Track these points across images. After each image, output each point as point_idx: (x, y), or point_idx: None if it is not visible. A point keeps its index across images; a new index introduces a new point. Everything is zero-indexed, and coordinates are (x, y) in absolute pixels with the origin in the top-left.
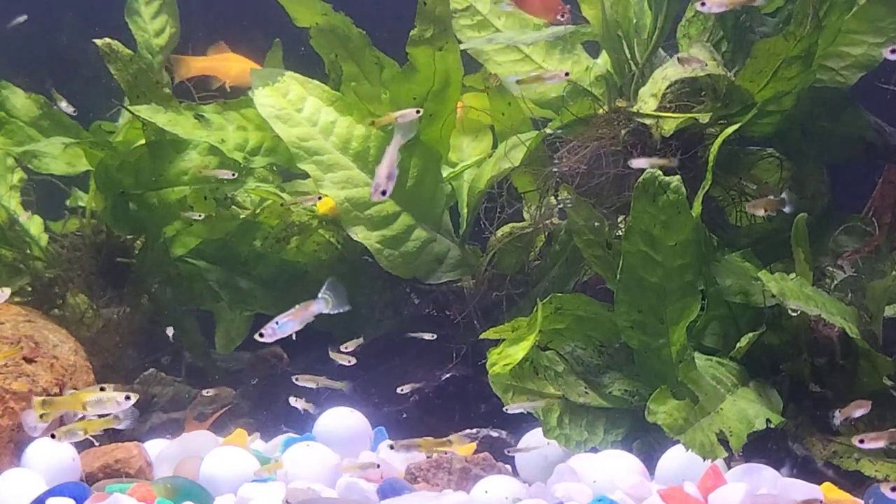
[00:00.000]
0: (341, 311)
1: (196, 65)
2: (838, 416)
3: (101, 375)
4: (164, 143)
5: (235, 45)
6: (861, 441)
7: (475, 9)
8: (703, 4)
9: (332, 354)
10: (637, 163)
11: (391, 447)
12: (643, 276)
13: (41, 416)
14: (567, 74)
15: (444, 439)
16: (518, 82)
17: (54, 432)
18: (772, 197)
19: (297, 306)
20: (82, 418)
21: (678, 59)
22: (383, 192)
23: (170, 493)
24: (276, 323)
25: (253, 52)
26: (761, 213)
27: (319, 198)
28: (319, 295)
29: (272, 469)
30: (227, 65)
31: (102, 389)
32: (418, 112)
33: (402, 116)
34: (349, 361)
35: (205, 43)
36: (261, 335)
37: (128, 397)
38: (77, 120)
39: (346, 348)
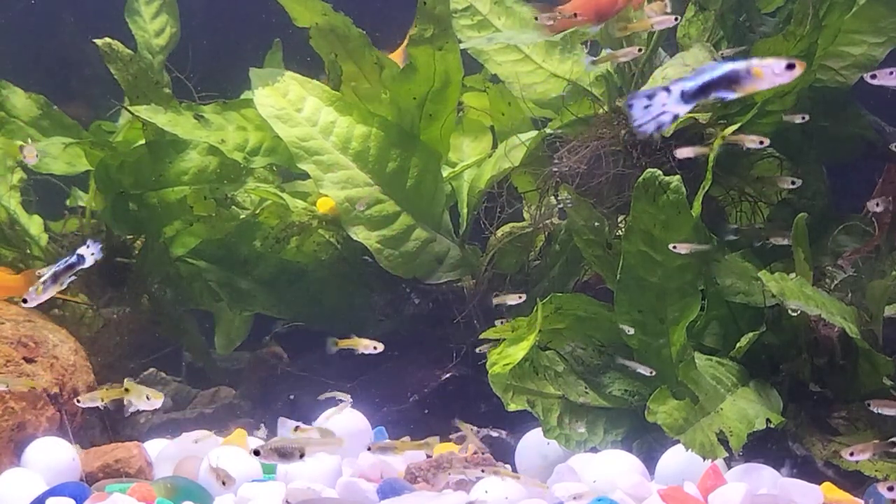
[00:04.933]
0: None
1: None
2: None
3: (102, 375)
4: (164, 143)
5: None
6: (851, 454)
7: (475, 9)
8: None
9: None
10: (682, 152)
11: (368, 449)
12: (643, 276)
13: None
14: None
15: (422, 441)
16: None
17: None
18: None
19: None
20: None
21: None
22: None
23: (170, 493)
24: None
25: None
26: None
27: None
28: None
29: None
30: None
31: None
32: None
33: (661, 22)
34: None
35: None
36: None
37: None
38: (77, 120)
39: None
